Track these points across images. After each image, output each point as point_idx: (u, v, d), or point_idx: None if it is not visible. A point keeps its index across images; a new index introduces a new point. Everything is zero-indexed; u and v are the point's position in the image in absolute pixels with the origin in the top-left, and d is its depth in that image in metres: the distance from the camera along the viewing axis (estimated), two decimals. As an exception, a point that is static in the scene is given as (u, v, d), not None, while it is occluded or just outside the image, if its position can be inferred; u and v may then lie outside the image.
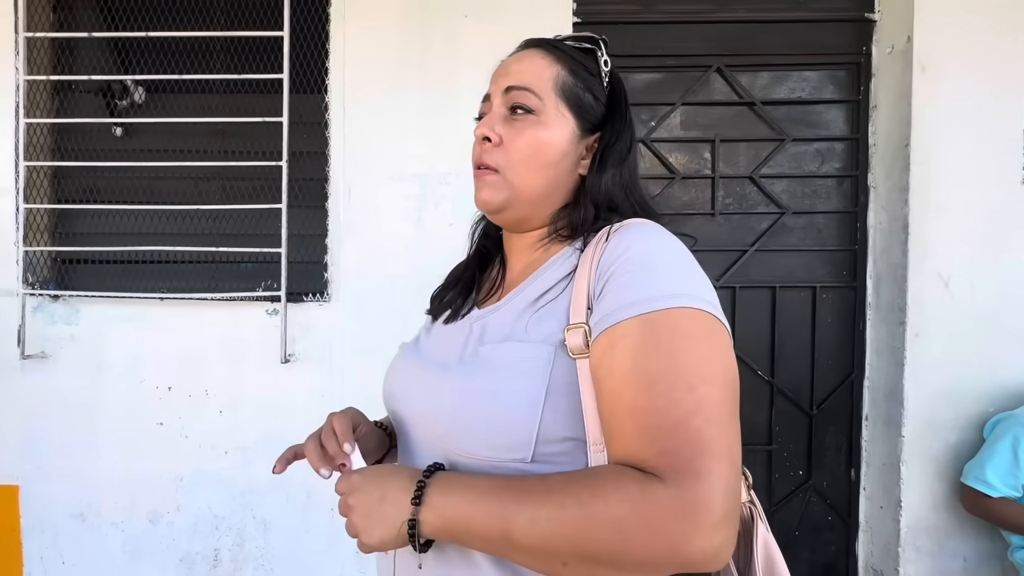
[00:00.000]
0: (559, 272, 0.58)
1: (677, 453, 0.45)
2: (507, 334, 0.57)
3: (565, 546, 0.46)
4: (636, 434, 0.47)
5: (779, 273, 1.79)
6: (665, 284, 0.51)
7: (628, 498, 0.45)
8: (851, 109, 1.78)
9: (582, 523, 0.45)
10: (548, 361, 0.52)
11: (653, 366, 0.48)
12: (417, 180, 1.67)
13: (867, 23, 1.75)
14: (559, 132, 0.60)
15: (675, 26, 1.76)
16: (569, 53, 0.63)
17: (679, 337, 0.48)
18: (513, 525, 0.47)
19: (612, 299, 0.51)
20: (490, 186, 0.62)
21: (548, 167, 0.60)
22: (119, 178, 1.75)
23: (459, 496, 0.49)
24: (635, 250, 0.53)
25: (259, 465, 1.69)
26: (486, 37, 1.64)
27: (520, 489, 0.48)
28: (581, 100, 0.61)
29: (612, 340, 0.50)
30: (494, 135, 0.61)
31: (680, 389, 0.47)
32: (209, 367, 1.69)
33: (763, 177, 1.78)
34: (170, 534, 1.70)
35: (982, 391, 1.62)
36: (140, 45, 1.70)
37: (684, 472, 0.44)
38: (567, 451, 0.52)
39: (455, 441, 0.55)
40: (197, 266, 1.75)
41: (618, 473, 0.47)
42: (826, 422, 1.80)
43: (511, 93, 0.61)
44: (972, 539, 1.64)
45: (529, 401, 0.52)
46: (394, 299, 1.67)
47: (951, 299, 1.61)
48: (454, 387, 0.57)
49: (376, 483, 0.52)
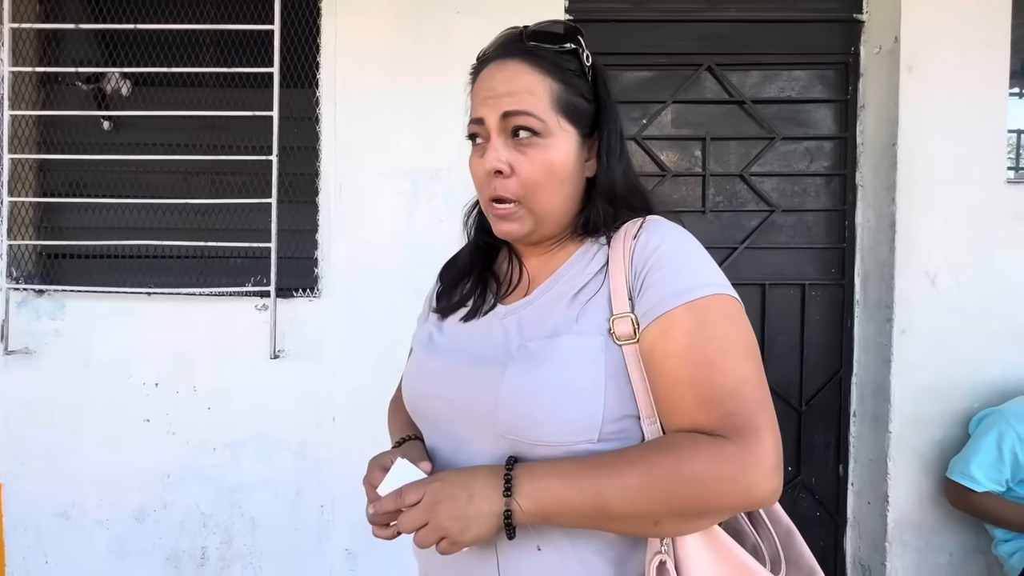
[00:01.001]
0: (591, 267, 0.63)
1: (738, 415, 0.54)
2: (554, 328, 0.60)
3: (657, 507, 0.53)
4: (698, 405, 0.55)
5: (769, 270, 1.80)
6: (700, 275, 0.59)
7: (706, 458, 0.52)
8: (840, 108, 1.80)
9: (670, 485, 0.52)
10: (601, 349, 0.58)
11: (707, 346, 0.56)
12: (409, 176, 1.67)
13: (855, 24, 1.77)
14: (566, 148, 0.62)
15: (666, 25, 1.77)
16: (554, 61, 0.63)
17: (721, 320, 0.57)
18: (607, 498, 0.53)
19: (656, 291, 0.58)
20: (513, 220, 0.63)
21: (563, 184, 0.63)
22: (106, 172, 1.73)
23: (549, 481, 0.54)
24: (665, 245, 0.60)
25: (247, 462, 1.67)
26: (479, 33, 1.62)
27: (604, 465, 0.54)
28: (577, 109, 0.63)
29: (664, 327, 0.57)
30: (504, 167, 0.61)
31: (731, 363, 0.55)
32: (197, 363, 1.67)
33: (753, 175, 1.80)
34: (156, 532, 1.68)
35: (967, 387, 1.64)
36: (128, 37, 1.68)
37: (745, 430, 0.53)
38: (625, 428, 0.58)
39: (523, 432, 0.58)
40: (185, 261, 1.73)
41: (691, 439, 0.54)
42: (815, 418, 1.82)
43: (511, 119, 0.61)
44: (957, 534, 1.66)
45: (594, 385, 0.57)
46: (385, 295, 1.66)
47: (937, 296, 1.64)
48: (516, 380, 0.59)
49: (461, 485, 0.56)
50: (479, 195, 0.68)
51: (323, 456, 1.67)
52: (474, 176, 0.66)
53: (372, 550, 1.65)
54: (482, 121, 0.63)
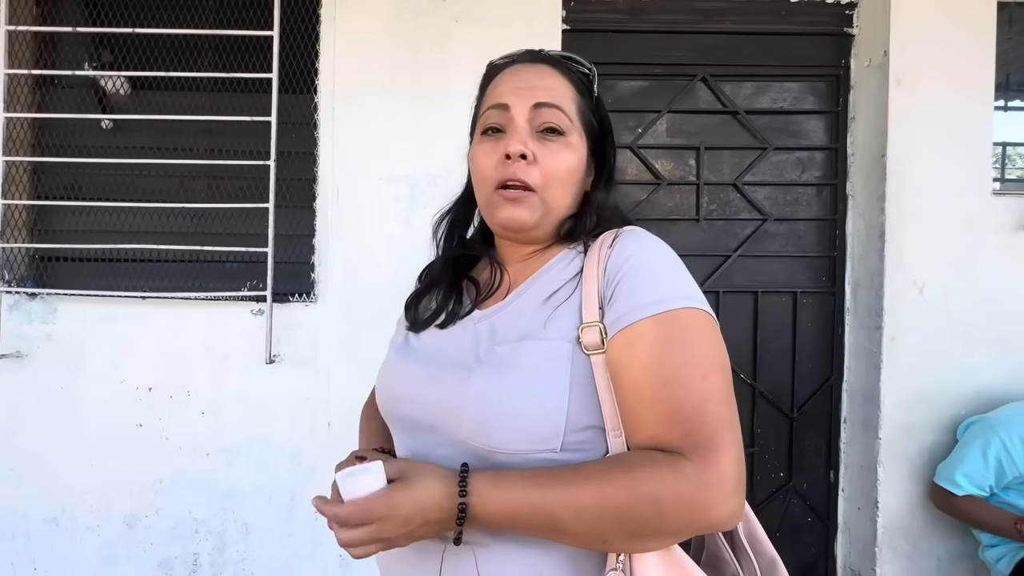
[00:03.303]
0: (565, 273, 0.62)
1: (698, 433, 0.52)
2: (523, 333, 0.60)
3: (609, 527, 0.52)
4: (659, 420, 0.54)
5: (761, 278, 1.83)
6: (670, 287, 0.57)
7: (662, 478, 0.51)
8: (830, 120, 1.83)
9: (624, 506, 0.51)
10: (568, 357, 0.57)
11: (671, 360, 0.54)
12: (406, 182, 1.67)
13: (846, 37, 1.80)
14: (579, 153, 0.65)
15: (662, 36, 1.79)
16: (579, 76, 0.66)
17: (689, 334, 0.55)
18: (559, 516, 0.52)
19: (625, 301, 0.57)
20: (527, 206, 0.62)
21: (573, 187, 0.65)
22: (101, 175, 1.72)
23: (501, 498, 0.53)
24: (639, 256, 0.59)
25: (241, 467, 1.67)
26: (476, 42, 1.66)
27: (559, 481, 0.53)
28: (592, 123, 0.66)
29: (630, 338, 0.56)
30: (530, 152, 0.61)
31: (695, 379, 0.54)
32: (191, 368, 1.66)
33: (746, 184, 1.82)
34: (148, 538, 1.66)
35: (955, 394, 1.67)
36: (126, 41, 1.68)
37: (705, 449, 0.52)
38: (589, 439, 0.57)
39: (485, 437, 0.57)
40: (181, 265, 1.72)
41: (648, 458, 0.53)
42: (806, 425, 1.84)
43: (542, 110, 0.62)
44: (945, 539, 1.68)
45: (557, 393, 0.56)
46: (381, 300, 1.65)
47: (925, 305, 1.67)
48: (480, 386, 0.58)
49: (414, 508, 0.53)
50: (483, 186, 0.65)
51: (318, 462, 1.67)
52: (481, 165, 0.64)
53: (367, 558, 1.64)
54: (507, 108, 0.62)
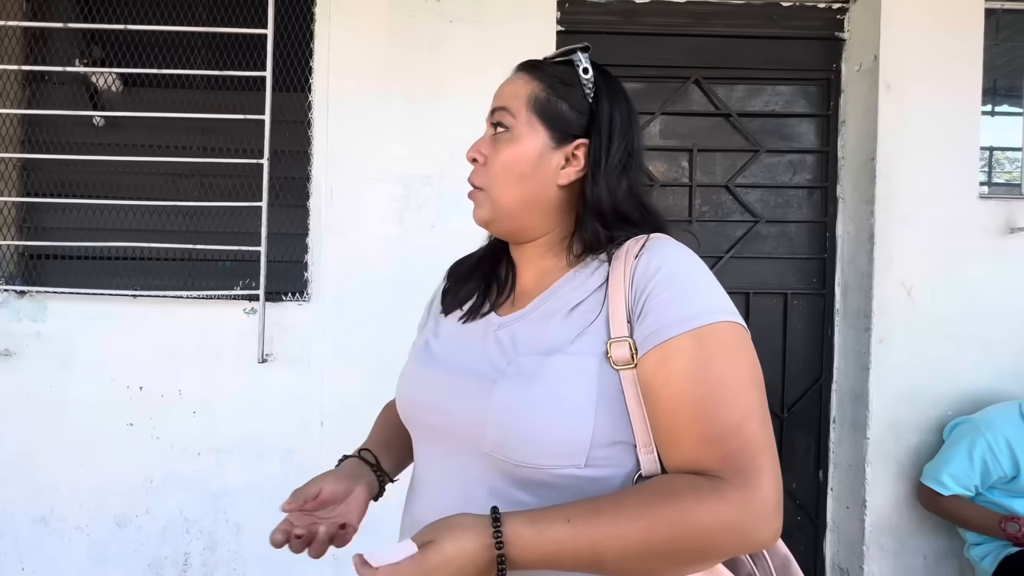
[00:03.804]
0: (589, 285, 0.61)
1: (739, 455, 0.52)
2: (549, 345, 0.59)
3: (657, 561, 0.51)
4: (698, 441, 0.53)
5: (753, 280, 1.84)
6: (704, 301, 0.56)
7: (708, 508, 0.50)
8: (821, 123, 1.85)
9: (672, 540, 0.50)
10: (595, 372, 0.56)
11: (709, 378, 0.53)
12: (400, 181, 1.67)
13: (837, 42, 1.82)
14: (529, 144, 0.63)
15: (656, 38, 1.81)
16: (546, 69, 0.66)
17: (726, 350, 0.54)
18: (604, 556, 0.50)
19: (657, 316, 0.55)
20: (478, 205, 0.67)
21: (522, 179, 0.63)
22: (92, 172, 1.70)
23: (542, 545, 0.49)
24: (668, 267, 0.57)
25: (233, 467, 1.66)
26: (471, 42, 1.66)
27: (603, 519, 0.50)
28: (556, 113, 0.63)
29: (665, 355, 0.54)
30: (480, 156, 0.66)
31: (734, 398, 0.53)
32: (183, 367, 1.65)
33: (738, 186, 1.84)
34: (138, 538, 1.65)
35: (941, 395, 1.69)
36: (118, 38, 1.67)
37: (747, 471, 0.51)
38: (616, 455, 0.56)
39: (509, 451, 0.57)
40: (172, 263, 1.72)
41: (692, 486, 0.52)
42: (796, 425, 1.86)
43: (494, 114, 0.66)
44: (932, 537, 1.71)
45: (584, 409, 0.55)
46: (375, 300, 1.66)
47: (913, 307, 1.69)
48: (505, 399, 0.57)
49: (456, 570, 0.49)
50: None
51: (310, 461, 1.66)
52: None
53: (359, 556, 1.64)
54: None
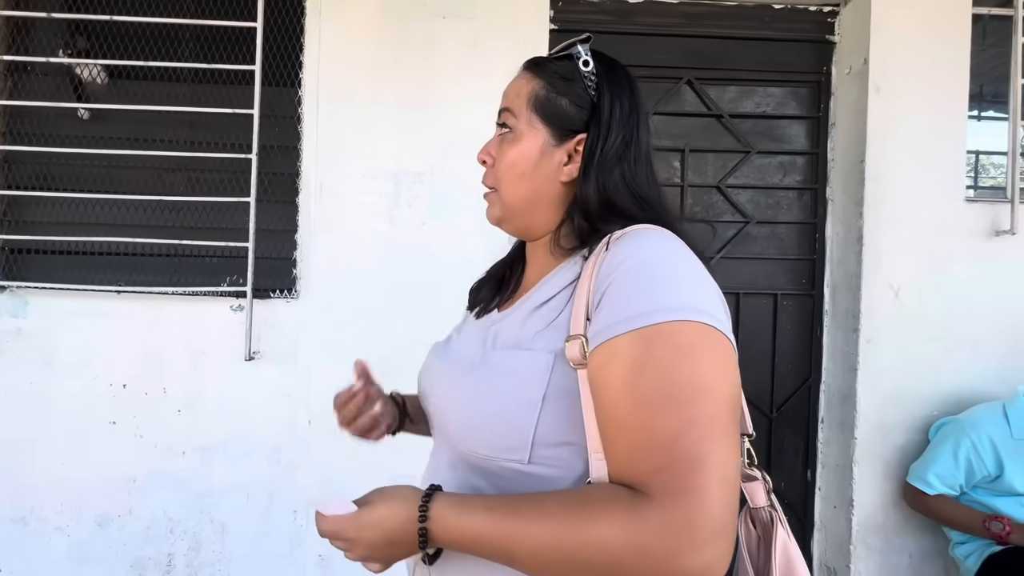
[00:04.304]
0: (562, 280, 0.59)
1: (667, 471, 0.46)
2: (515, 340, 0.59)
3: (563, 570, 0.48)
4: (628, 451, 0.48)
5: (743, 280, 1.85)
6: (661, 297, 0.50)
7: (618, 521, 0.46)
8: (812, 125, 1.86)
9: (577, 550, 0.47)
10: (546, 369, 0.54)
11: (645, 384, 0.48)
12: (391, 178, 1.66)
13: (827, 45, 1.84)
14: (529, 143, 0.63)
15: (649, 38, 1.81)
16: (548, 66, 0.66)
17: (673, 353, 0.48)
18: (515, 553, 0.49)
19: (608, 313, 0.51)
20: (490, 204, 0.68)
21: (524, 178, 0.64)
22: (76, 165, 1.67)
23: (461, 528, 0.51)
24: (633, 260, 0.52)
25: (218, 466, 1.63)
26: (464, 39, 1.65)
27: (520, 514, 0.50)
28: (556, 110, 0.63)
29: (607, 356, 0.50)
30: (488, 157, 0.67)
31: (671, 406, 0.47)
32: (168, 364, 1.63)
33: (729, 187, 1.85)
34: (120, 538, 1.62)
35: (927, 396, 1.71)
36: (103, 29, 1.63)
37: (674, 490, 0.45)
38: (564, 455, 0.54)
39: (464, 440, 0.59)
40: (158, 259, 1.69)
41: (610, 496, 0.48)
42: (785, 425, 1.87)
43: (500, 115, 0.67)
44: (917, 536, 1.72)
45: (524, 406, 0.54)
46: (364, 297, 1.65)
47: (901, 308, 1.70)
48: (467, 389, 0.60)
49: (381, 534, 0.53)
50: None
51: (297, 460, 1.64)
52: None
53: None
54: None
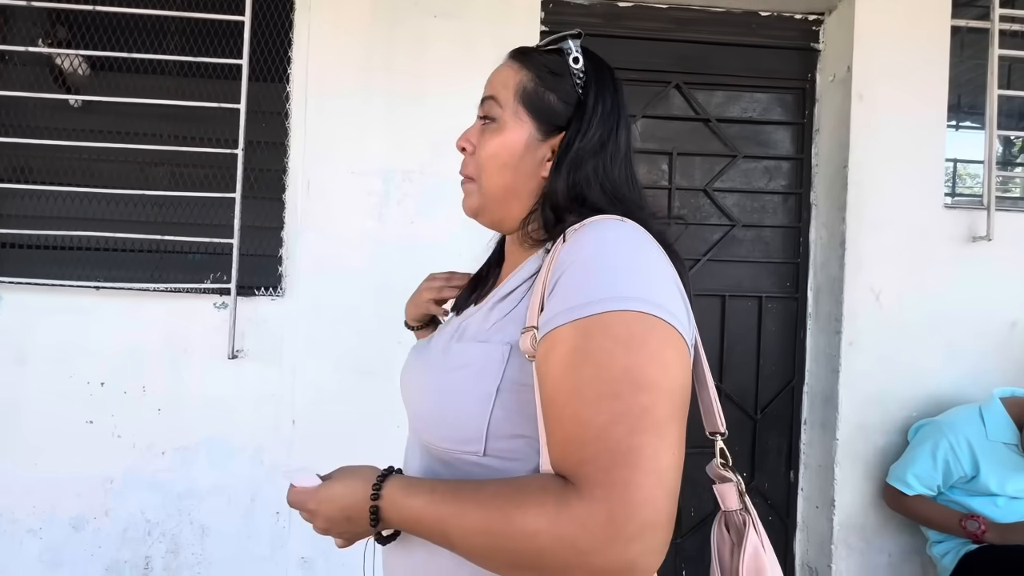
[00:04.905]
0: (526, 273, 0.59)
1: (594, 463, 0.45)
2: (475, 333, 0.59)
3: (493, 555, 0.48)
4: (561, 442, 0.48)
5: (729, 282, 1.87)
6: (605, 287, 0.49)
7: (545, 512, 0.45)
8: (797, 131, 1.90)
9: (503, 536, 0.47)
10: (500, 361, 0.54)
11: (579, 374, 0.47)
12: (380, 175, 1.65)
13: (812, 52, 1.87)
14: (514, 135, 0.62)
15: (638, 42, 1.82)
16: (537, 58, 0.64)
17: (610, 343, 0.47)
18: (451, 536, 0.50)
19: (554, 304, 0.51)
20: (467, 193, 0.67)
21: (506, 169, 0.62)
22: (55, 158, 1.63)
23: (407, 500, 0.53)
24: (584, 252, 0.52)
25: (199, 466, 1.60)
26: (455, 37, 1.65)
27: (458, 499, 0.51)
28: (540, 103, 0.62)
29: (548, 347, 0.50)
30: (468, 144, 0.66)
31: (605, 398, 0.46)
32: (148, 362, 1.59)
33: (716, 190, 1.87)
34: (96, 541, 1.58)
35: (907, 398, 1.74)
36: (86, 19, 1.60)
37: (599, 483, 0.44)
38: (519, 448, 0.54)
39: (426, 431, 0.60)
40: (139, 255, 1.65)
41: (541, 486, 0.48)
42: (769, 426, 1.89)
43: (483, 104, 0.65)
44: (896, 535, 1.75)
45: (479, 399, 0.54)
46: (351, 296, 1.63)
47: (881, 311, 1.74)
48: (430, 381, 0.61)
49: (338, 509, 0.57)
50: None
51: (280, 460, 1.62)
52: None
53: (329, 557, 1.60)
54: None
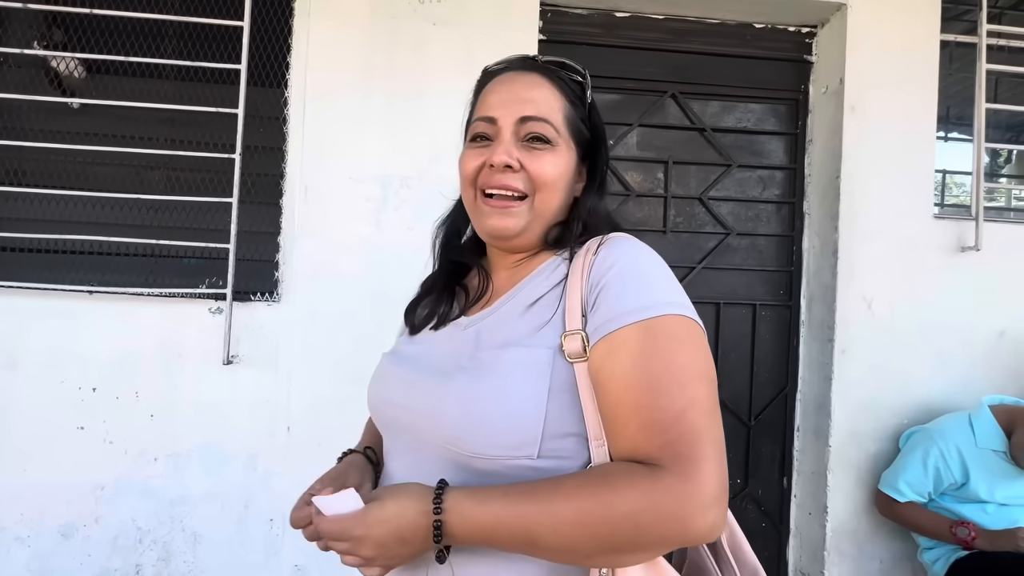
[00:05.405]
0: (549, 280, 0.63)
1: (678, 443, 0.52)
2: (507, 338, 0.61)
3: (588, 543, 0.51)
4: (640, 429, 0.53)
5: (723, 290, 1.89)
6: (655, 293, 0.57)
7: (641, 491, 0.51)
8: (790, 141, 1.92)
9: (603, 522, 0.51)
10: (548, 363, 0.57)
11: (652, 368, 0.54)
12: (378, 182, 1.65)
13: (805, 64, 1.91)
14: (567, 161, 0.66)
15: (635, 52, 1.85)
16: (569, 84, 0.67)
17: (672, 341, 0.55)
18: (537, 534, 0.51)
19: (608, 308, 0.57)
20: (513, 215, 0.64)
21: (563, 192, 0.66)
22: (49, 161, 1.62)
23: (479, 516, 0.53)
24: (624, 262, 0.59)
25: (192, 473, 1.59)
26: (453, 46, 1.66)
27: (538, 497, 0.52)
28: (580, 131, 0.67)
29: (612, 346, 0.55)
30: (515, 162, 0.63)
31: (677, 388, 0.53)
32: (141, 367, 1.57)
33: (711, 199, 1.89)
34: (85, 549, 1.56)
35: (898, 405, 1.77)
36: (83, 21, 1.59)
37: (685, 460, 0.51)
38: (569, 447, 0.57)
39: (465, 443, 0.58)
40: (134, 259, 1.64)
41: (627, 470, 0.53)
42: (762, 433, 1.91)
43: (529, 123, 0.64)
44: (887, 542, 1.77)
45: (534, 400, 0.56)
46: (348, 302, 1.63)
47: (873, 319, 1.76)
48: (461, 391, 0.59)
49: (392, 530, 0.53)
50: (467, 191, 0.67)
51: (275, 467, 1.60)
52: (464, 170, 0.66)
53: (323, 565, 1.59)
54: (494, 121, 0.65)
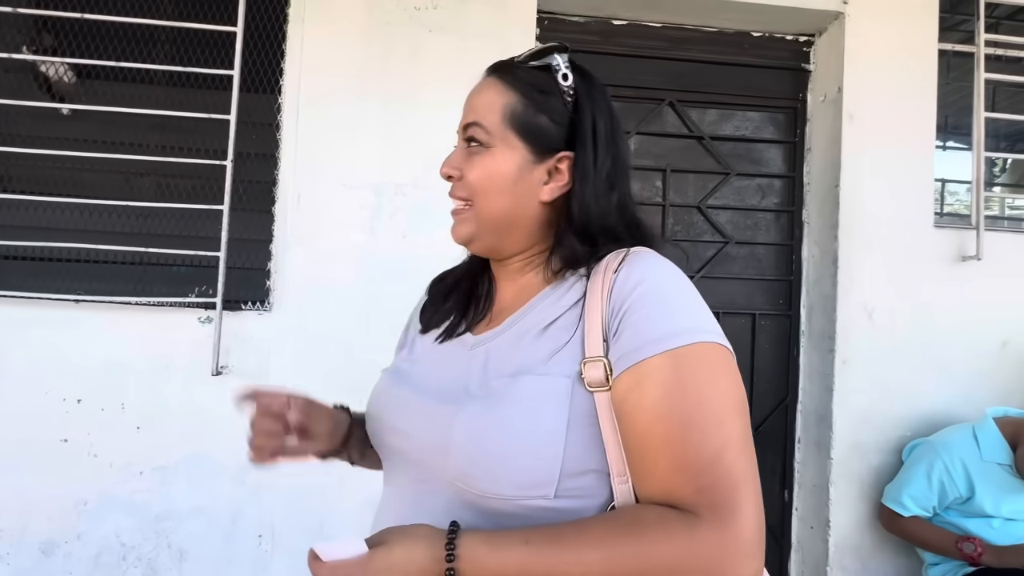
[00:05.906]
0: (565, 301, 0.58)
1: (715, 489, 0.48)
2: (519, 366, 0.56)
3: None
4: (672, 471, 0.49)
5: (722, 299, 1.87)
6: (684, 319, 0.53)
7: (677, 543, 0.47)
8: (789, 149, 1.91)
9: (633, 572, 0.47)
10: (567, 394, 0.53)
11: (685, 402, 0.50)
12: (372, 189, 1.62)
13: (803, 72, 1.90)
14: (505, 161, 0.60)
15: (633, 60, 1.83)
16: (522, 76, 0.62)
17: (704, 372, 0.51)
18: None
19: (633, 335, 0.52)
20: (460, 222, 0.63)
21: (503, 195, 0.61)
22: (36, 167, 1.59)
23: (496, 556, 0.48)
24: (647, 284, 0.54)
25: (179, 487, 1.54)
26: (449, 53, 1.64)
27: (562, 545, 0.48)
28: (534, 127, 0.61)
29: (638, 377, 0.51)
30: (455, 171, 0.63)
31: (712, 424, 0.49)
32: (128, 378, 1.53)
33: (709, 207, 1.87)
34: (66, 567, 1.51)
35: (901, 417, 1.74)
36: (73, 26, 1.57)
37: (723, 508, 0.47)
38: (588, 484, 0.53)
39: (474, 481, 0.53)
40: (121, 267, 1.60)
41: (660, 517, 0.49)
42: (763, 445, 1.87)
43: (468, 130, 0.63)
44: (892, 557, 1.73)
45: (552, 435, 0.52)
46: (341, 311, 1.59)
47: (874, 329, 1.74)
48: (469, 423, 0.54)
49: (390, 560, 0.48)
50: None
51: (264, 481, 1.56)
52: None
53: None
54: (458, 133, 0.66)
